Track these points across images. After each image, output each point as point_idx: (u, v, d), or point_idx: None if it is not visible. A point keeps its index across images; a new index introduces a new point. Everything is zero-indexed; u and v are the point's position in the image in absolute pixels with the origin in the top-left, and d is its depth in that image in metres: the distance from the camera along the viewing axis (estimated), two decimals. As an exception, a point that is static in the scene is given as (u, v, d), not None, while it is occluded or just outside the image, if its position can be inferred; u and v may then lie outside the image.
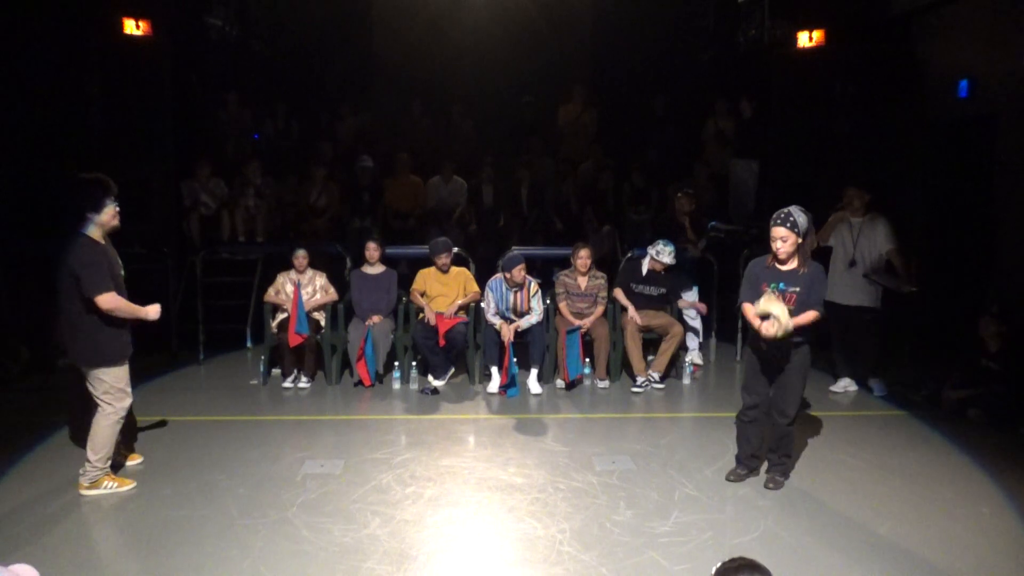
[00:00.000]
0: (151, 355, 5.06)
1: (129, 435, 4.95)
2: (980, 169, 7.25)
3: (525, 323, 6.59)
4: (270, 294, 6.94)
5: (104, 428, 4.49)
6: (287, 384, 6.69)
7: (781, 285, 4.41)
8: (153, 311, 4.57)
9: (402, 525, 4.17)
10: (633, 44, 10.27)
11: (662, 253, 6.87)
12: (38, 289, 7.48)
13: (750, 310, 4.49)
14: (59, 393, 6.59)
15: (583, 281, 6.88)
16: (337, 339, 6.86)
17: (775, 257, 4.45)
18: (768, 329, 4.33)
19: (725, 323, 7.89)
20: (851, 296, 6.36)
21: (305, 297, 6.74)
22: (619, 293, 6.98)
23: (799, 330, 4.37)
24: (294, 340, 6.52)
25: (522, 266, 6.61)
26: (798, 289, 4.39)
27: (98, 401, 4.46)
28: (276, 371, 6.93)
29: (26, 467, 4.95)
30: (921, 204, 7.95)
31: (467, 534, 4.10)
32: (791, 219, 4.36)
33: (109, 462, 4.58)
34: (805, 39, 8.39)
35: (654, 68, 10.24)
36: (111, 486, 4.55)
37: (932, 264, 7.62)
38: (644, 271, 6.99)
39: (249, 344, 7.88)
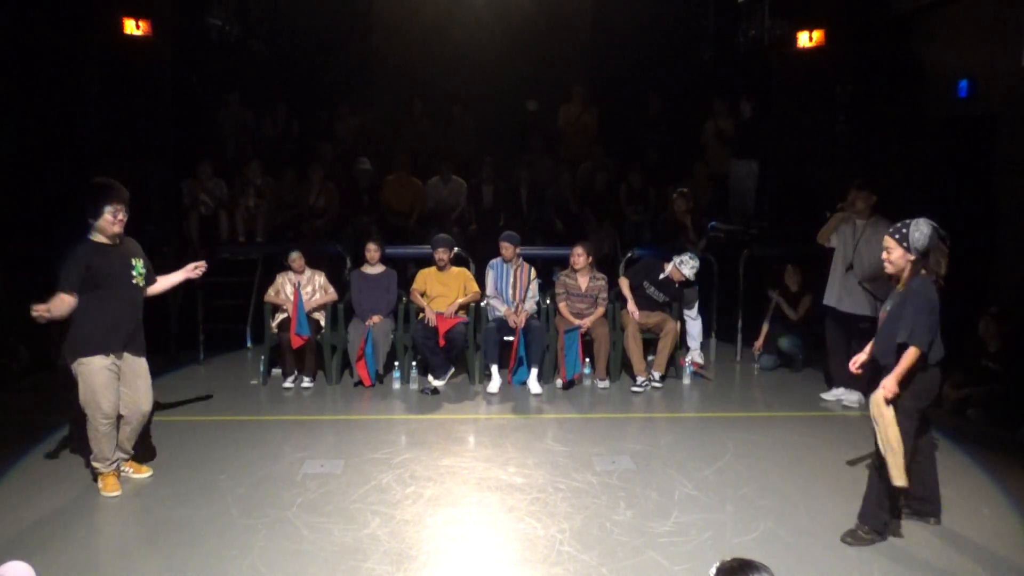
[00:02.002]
0: (151, 355, 5.01)
1: (141, 445, 4.86)
2: (980, 169, 7.25)
3: (530, 306, 6.76)
4: (270, 294, 6.94)
5: (88, 430, 4.50)
6: (287, 384, 6.70)
7: (887, 305, 3.96)
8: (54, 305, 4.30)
9: (402, 525, 4.17)
10: (633, 44, 10.26)
11: (685, 264, 6.88)
12: (38, 289, 7.50)
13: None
14: (59, 393, 6.60)
15: (583, 281, 6.88)
16: (337, 339, 6.86)
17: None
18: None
19: (725, 323, 7.88)
20: (847, 302, 6.15)
21: (305, 297, 6.74)
22: (624, 283, 6.98)
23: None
24: (296, 342, 6.53)
25: (506, 245, 6.84)
26: (889, 308, 3.95)
27: None
28: (276, 371, 6.93)
29: (26, 467, 4.95)
30: (921, 204, 7.93)
31: (467, 534, 4.10)
32: (903, 231, 3.91)
33: (108, 464, 4.53)
34: (805, 39, 8.38)
35: (654, 68, 10.23)
36: (98, 485, 4.55)
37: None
38: (661, 276, 6.99)
39: (249, 344, 7.88)
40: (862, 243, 6.11)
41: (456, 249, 7.20)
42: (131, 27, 8.09)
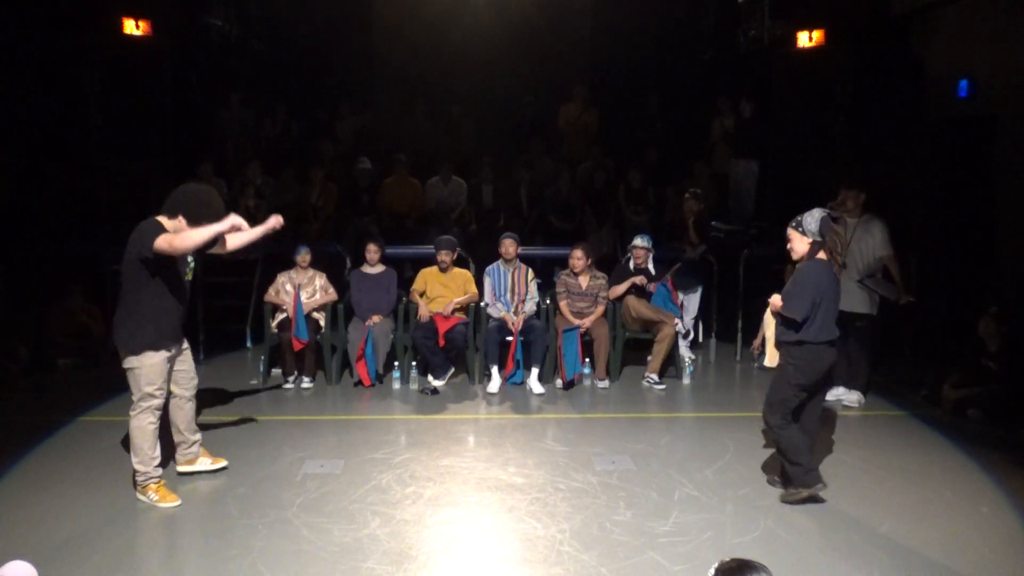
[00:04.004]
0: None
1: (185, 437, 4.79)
2: (980, 169, 7.25)
3: (529, 308, 6.75)
4: (270, 294, 6.94)
5: (134, 428, 4.38)
6: (287, 384, 6.70)
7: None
8: (232, 221, 4.28)
9: (402, 525, 4.17)
10: (633, 44, 10.25)
11: (637, 242, 7.07)
12: (38, 289, 7.51)
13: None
14: (59, 393, 6.62)
15: (584, 280, 6.89)
16: (337, 339, 6.86)
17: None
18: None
19: (725, 324, 7.88)
20: (843, 300, 6.12)
21: (305, 298, 6.74)
22: (614, 290, 7.00)
23: (781, 332, 4.44)
24: (296, 345, 6.54)
25: (511, 241, 6.87)
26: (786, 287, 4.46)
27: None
28: (276, 371, 6.93)
29: (26, 467, 4.95)
30: (921, 204, 7.94)
31: (467, 534, 4.10)
32: (799, 219, 4.43)
33: (156, 467, 4.42)
34: (805, 39, 8.38)
35: (654, 68, 10.23)
36: (152, 498, 4.39)
37: (931, 264, 7.61)
38: (632, 267, 7.07)
39: (249, 344, 7.88)
40: (854, 242, 6.13)
41: (457, 250, 7.21)
42: (131, 27, 8.08)
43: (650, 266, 7.13)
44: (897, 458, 5.16)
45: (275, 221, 4.67)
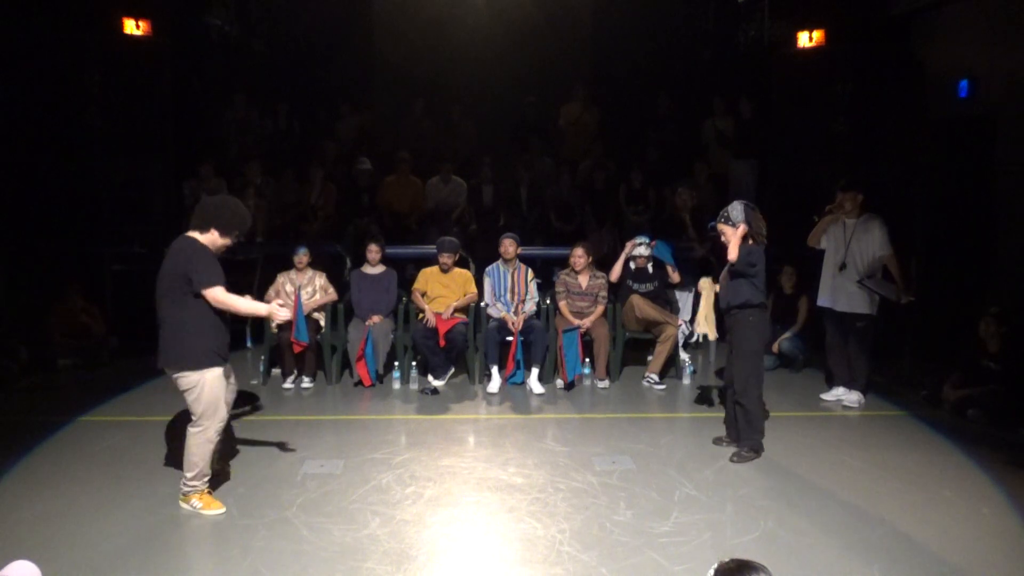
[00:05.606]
0: (151, 355, 4.97)
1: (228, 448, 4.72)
2: (980, 169, 7.25)
3: (529, 308, 6.76)
4: (270, 294, 6.93)
5: (193, 445, 4.27)
6: (287, 384, 6.70)
7: (726, 270, 5.14)
8: (275, 312, 4.45)
9: (402, 525, 4.17)
10: (634, 44, 10.26)
11: (637, 248, 7.13)
12: (38, 289, 7.52)
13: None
14: (59, 393, 6.62)
15: (584, 280, 6.89)
16: (337, 339, 6.86)
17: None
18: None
19: (724, 324, 7.86)
20: (843, 301, 6.15)
21: (305, 298, 6.74)
22: (614, 269, 7.10)
23: (735, 298, 5.02)
24: (296, 347, 6.55)
25: (511, 241, 6.90)
26: (729, 268, 5.08)
27: (191, 413, 4.29)
28: (276, 371, 6.94)
29: (26, 467, 4.94)
30: (921, 204, 7.94)
31: (467, 534, 4.10)
32: (725, 214, 5.00)
33: (206, 480, 4.35)
34: (805, 39, 8.38)
35: (655, 68, 10.23)
36: (196, 505, 4.31)
37: (931, 264, 7.61)
38: (633, 268, 7.11)
39: (249, 344, 7.87)
40: (853, 242, 6.14)
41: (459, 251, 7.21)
42: (131, 27, 8.09)
43: (649, 269, 7.14)
44: (897, 458, 5.16)
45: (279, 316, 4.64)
